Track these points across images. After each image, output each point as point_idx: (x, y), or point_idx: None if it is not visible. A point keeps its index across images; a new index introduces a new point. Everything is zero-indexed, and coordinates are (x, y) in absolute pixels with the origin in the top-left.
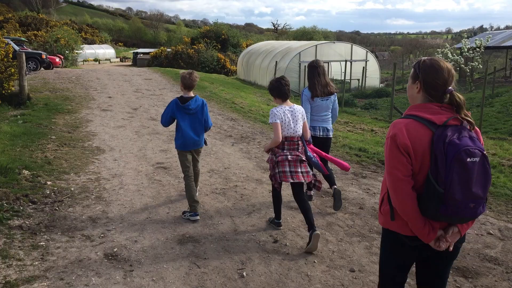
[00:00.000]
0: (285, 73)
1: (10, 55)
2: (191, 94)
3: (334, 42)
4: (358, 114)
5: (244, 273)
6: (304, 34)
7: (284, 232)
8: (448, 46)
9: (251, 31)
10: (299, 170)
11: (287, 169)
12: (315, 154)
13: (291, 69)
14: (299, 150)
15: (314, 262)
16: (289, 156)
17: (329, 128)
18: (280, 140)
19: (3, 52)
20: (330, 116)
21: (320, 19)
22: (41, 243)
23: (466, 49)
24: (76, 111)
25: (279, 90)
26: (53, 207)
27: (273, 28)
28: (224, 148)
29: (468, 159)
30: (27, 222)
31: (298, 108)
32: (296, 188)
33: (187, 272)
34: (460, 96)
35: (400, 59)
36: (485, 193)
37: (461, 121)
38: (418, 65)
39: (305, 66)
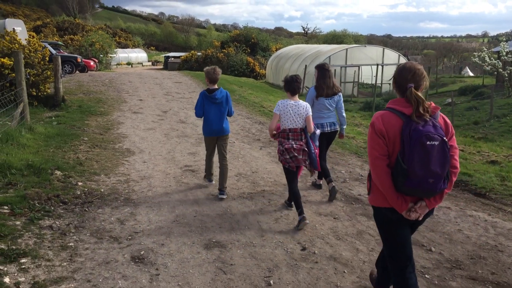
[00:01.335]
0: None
1: (47, 58)
2: (216, 86)
3: (365, 46)
4: None
5: (271, 281)
6: (334, 38)
7: (312, 239)
8: (486, 49)
9: (281, 35)
10: (301, 157)
11: (295, 154)
12: (316, 150)
13: None
14: (303, 140)
15: (344, 272)
16: (294, 145)
17: (335, 122)
18: (273, 128)
19: (40, 55)
20: (334, 113)
21: (351, 23)
22: (70, 244)
23: (504, 53)
24: (108, 113)
25: (289, 84)
26: (83, 208)
27: (303, 31)
28: (252, 152)
29: (428, 142)
30: (57, 223)
31: (303, 104)
32: (294, 172)
33: (213, 278)
34: (416, 93)
35: (434, 62)
36: (443, 171)
37: (427, 114)
38: (397, 68)
39: (335, 70)
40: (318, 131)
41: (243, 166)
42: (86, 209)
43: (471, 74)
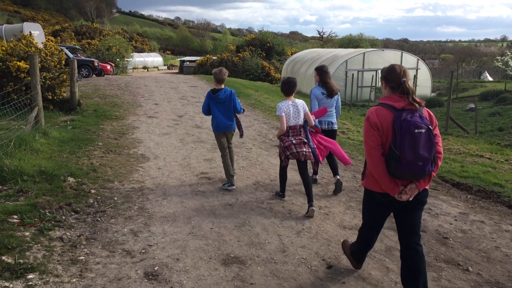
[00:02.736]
0: None
1: (63, 62)
2: (222, 86)
3: (383, 50)
4: None
5: None
6: (350, 42)
7: (338, 256)
8: (510, 53)
9: (296, 39)
10: (304, 150)
11: (294, 150)
12: (315, 145)
13: (337, 77)
14: (302, 135)
15: None
16: (293, 140)
17: (333, 121)
18: (285, 129)
19: (56, 59)
20: (334, 112)
21: (366, 27)
22: (81, 258)
23: None
24: (124, 118)
25: (283, 86)
26: (95, 217)
27: (318, 36)
28: (270, 159)
29: (416, 130)
30: (68, 234)
31: (300, 102)
32: (302, 165)
33: None
34: (410, 85)
35: (452, 67)
36: (430, 155)
37: (415, 106)
38: (382, 71)
39: (352, 74)
40: (313, 117)
41: (261, 174)
42: (99, 219)
43: (490, 78)
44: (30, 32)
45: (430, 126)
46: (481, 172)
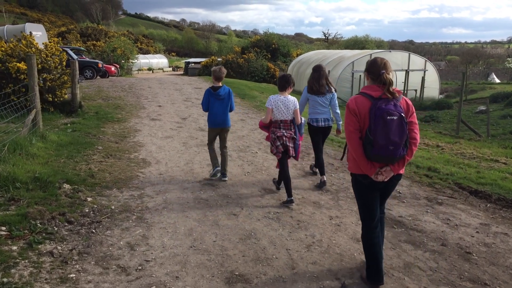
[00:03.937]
0: (337, 82)
1: (64, 63)
2: (220, 84)
3: (390, 51)
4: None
5: None
6: (356, 43)
7: (352, 273)
8: None
9: (301, 41)
10: (291, 145)
11: (285, 142)
12: (300, 143)
13: (343, 78)
14: (292, 130)
15: None
16: (285, 133)
17: (329, 118)
18: (268, 121)
19: (57, 60)
20: (328, 109)
21: (372, 28)
22: (71, 275)
23: None
24: (126, 120)
25: (279, 81)
26: (90, 229)
27: (324, 37)
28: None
29: (388, 117)
30: (59, 248)
31: (292, 99)
32: (284, 156)
33: None
34: (388, 76)
35: (460, 68)
36: (401, 140)
37: (392, 95)
38: (367, 63)
39: (360, 75)
40: (303, 119)
41: (268, 180)
42: (93, 230)
43: (497, 80)
44: (30, 32)
45: (402, 114)
46: (498, 179)
